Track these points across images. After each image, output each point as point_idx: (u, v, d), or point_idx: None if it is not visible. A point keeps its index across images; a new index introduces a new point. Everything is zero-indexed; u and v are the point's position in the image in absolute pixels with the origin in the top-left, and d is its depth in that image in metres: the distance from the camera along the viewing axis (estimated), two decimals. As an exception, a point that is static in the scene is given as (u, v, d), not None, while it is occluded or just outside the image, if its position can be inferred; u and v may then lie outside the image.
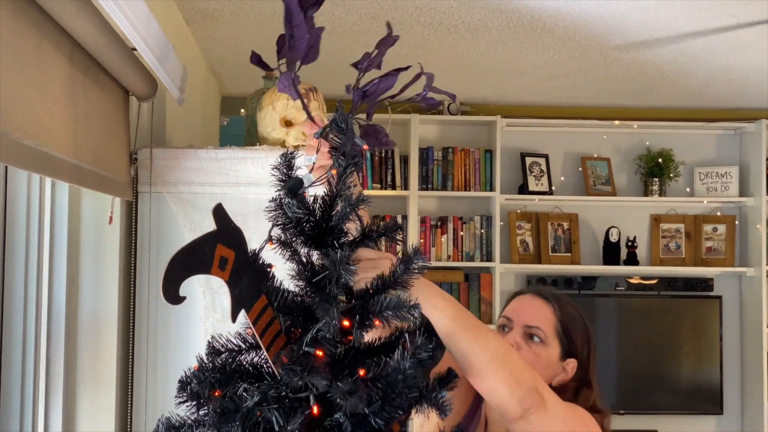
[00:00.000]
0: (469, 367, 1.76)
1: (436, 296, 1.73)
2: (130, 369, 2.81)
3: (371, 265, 1.62)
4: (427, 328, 1.71)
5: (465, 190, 6.21)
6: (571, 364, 2.20)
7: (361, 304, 1.54)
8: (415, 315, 1.56)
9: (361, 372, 1.50)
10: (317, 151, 1.67)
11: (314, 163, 1.70)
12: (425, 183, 6.19)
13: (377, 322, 1.54)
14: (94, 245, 2.73)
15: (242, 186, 2.73)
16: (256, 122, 2.94)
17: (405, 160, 6.14)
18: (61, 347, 2.60)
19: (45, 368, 2.56)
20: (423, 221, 6.16)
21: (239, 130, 3.14)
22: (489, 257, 6.19)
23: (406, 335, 1.56)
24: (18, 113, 1.70)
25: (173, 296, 1.34)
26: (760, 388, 6.15)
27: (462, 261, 6.19)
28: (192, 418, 1.56)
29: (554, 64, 5.13)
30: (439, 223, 6.22)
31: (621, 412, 6.17)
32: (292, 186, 1.57)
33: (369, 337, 1.61)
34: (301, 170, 1.62)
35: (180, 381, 1.57)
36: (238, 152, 2.81)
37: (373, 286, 1.56)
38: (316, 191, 1.61)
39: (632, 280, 6.36)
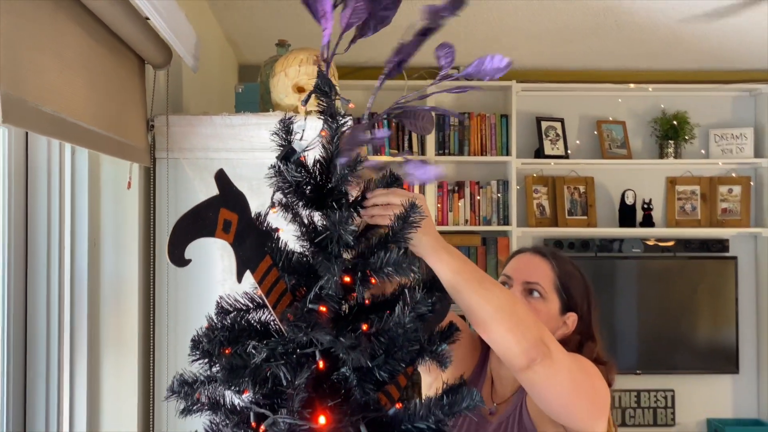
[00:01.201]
0: (475, 318, 1.81)
1: (441, 250, 1.77)
2: (151, 330, 2.90)
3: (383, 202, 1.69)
4: (432, 283, 1.78)
5: (481, 155, 6.25)
6: (572, 317, 2.26)
7: (362, 261, 1.59)
8: (416, 270, 1.62)
9: (364, 327, 1.56)
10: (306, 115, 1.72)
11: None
12: (442, 148, 6.23)
13: (373, 281, 1.60)
14: (113, 210, 2.80)
15: (257, 151, 2.80)
16: (269, 89, 3.00)
17: (421, 126, 6.18)
18: (84, 310, 2.68)
19: (69, 330, 2.64)
20: (440, 186, 6.21)
21: (254, 97, 3.21)
22: (506, 221, 6.25)
23: (406, 291, 1.62)
24: (36, 81, 1.77)
25: (178, 259, 1.41)
26: (776, 348, 6.20)
27: (479, 225, 6.25)
28: (205, 374, 1.63)
29: (568, 28, 5.16)
30: (456, 188, 6.27)
31: (638, 372, 6.25)
32: (285, 154, 1.63)
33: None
34: (297, 136, 1.67)
35: (192, 340, 1.64)
36: (252, 118, 2.88)
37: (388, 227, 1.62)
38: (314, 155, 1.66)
39: (648, 242, 6.39)
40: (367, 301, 1.65)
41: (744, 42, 5.54)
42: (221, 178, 1.50)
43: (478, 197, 6.27)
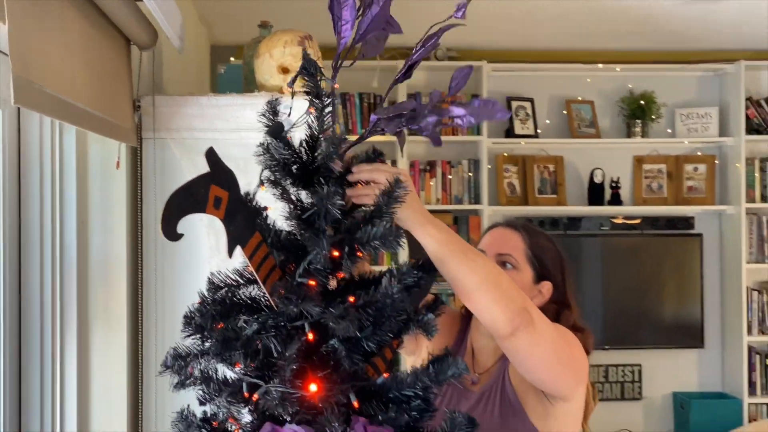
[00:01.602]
0: (461, 288, 1.87)
1: (428, 224, 1.83)
2: (139, 306, 2.97)
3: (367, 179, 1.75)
4: (420, 263, 1.84)
5: (453, 134, 6.33)
6: (546, 286, 2.34)
7: (349, 235, 1.66)
8: (402, 243, 1.69)
9: (351, 299, 1.62)
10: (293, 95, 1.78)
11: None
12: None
13: (360, 254, 1.67)
14: (101, 190, 2.86)
15: (243, 131, 2.86)
16: (253, 70, 3.06)
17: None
18: (73, 287, 2.74)
19: (60, 307, 2.70)
20: (412, 165, 6.29)
21: (237, 77, 3.27)
22: (477, 200, 6.33)
23: (393, 264, 1.70)
24: (40, 63, 1.83)
25: (171, 233, 1.47)
26: (739, 322, 6.34)
27: (451, 204, 6.33)
28: (198, 348, 1.68)
29: (539, 8, 5.25)
30: (428, 168, 6.35)
31: (606, 347, 6.37)
32: (274, 130, 1.69)
33: None
34: (284, 115, 1.73)
35: (185, 316, 1.69)
36: (238, 99, 2.94)
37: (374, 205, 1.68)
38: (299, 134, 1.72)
39: (616, 220, 6.51)
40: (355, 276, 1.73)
41: (709, 22, 5.65)
42: (211, 155, 1.56)
43: (450, 176, 6.36)
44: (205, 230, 2.82)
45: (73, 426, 2.74)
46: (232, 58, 5.62)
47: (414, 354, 2.39)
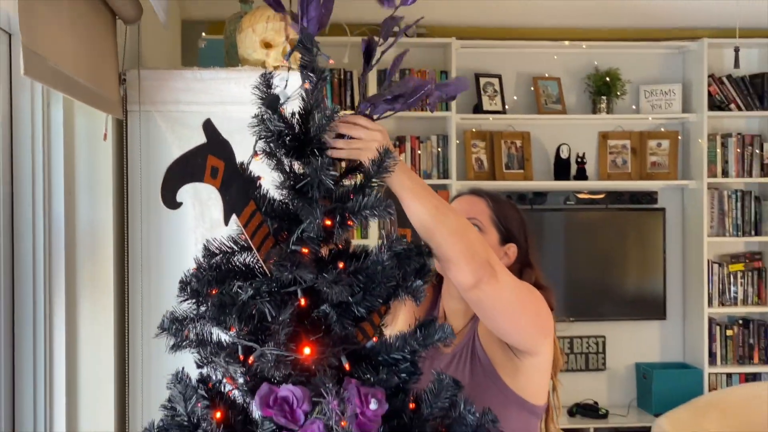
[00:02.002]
0: (431, 238, 1.97)
1: (404, 174, 1.94)
2: (125, 274, 3.04)
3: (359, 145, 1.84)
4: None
5: (422, 110, 6.38)
6: (512, 248, 2.45)
7: (341, 205, 1.74)
8: (392, 212, 1.77)
9: (341, 265, 1.70)
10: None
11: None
12: (382, 103, 6.36)
13: (350, 223, 1.75)
14: (88, 161, 2.92)
15: (227, 104, 2.92)
16: (235, 44, 3.13)
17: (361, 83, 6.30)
18: (61, 255, 2.81)
19: (49, 274, 2.77)
20: (381, 141, 6.33)
21: (218, 52, 3.33)
22: (445, 174, 6.42)
23: (383, 232, 1.78)
24: (43, 35, 1.90)
25: (171, 202, 1.55)
26: (700, 295, 6.49)
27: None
28: (193, 312, 1.75)
29: (507, -14, 5.34)
30: (397, 143, 6.43)
31: (571, 319, 6.47)
32: (270, 101, 1.76)
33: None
34: (279, 88, 1.80)
35: (180, 282, 1.75)
36: (222, 73, 3.01)
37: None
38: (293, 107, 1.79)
39: (581, 195, 6.62)
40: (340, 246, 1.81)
41: (669, 1, 5.76)
42: (208, 127, 1.63)
43: (419, 152, 6.44)
44: (190, 201, 2.89)
45: (61, 390, 2.81)
46: (203, 33, 5.65)
47: (390, 325, 2.49)
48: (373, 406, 1.65)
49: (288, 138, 1.76)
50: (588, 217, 6.66)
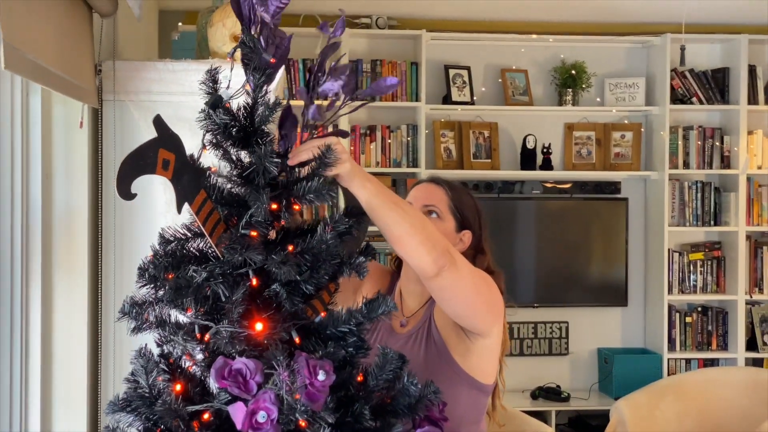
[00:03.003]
0: (391, 234, 2.12)
1: (362, 178, 2.05)
2: (99, 256, 3.18)
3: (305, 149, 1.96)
4: (351, 211, 2.05)
5: (392, 100, 6.53)
6: (467, 235, 2.63)
7: (286, 190, 1.87)
8: (334, 196, 1.90)
9: (290, 248, 1.83)
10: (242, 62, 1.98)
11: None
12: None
13: (296, 207, 1.89)
14: (65, 148, 3.07)
15: (196, 95, 3.04)
16: (206, 37, 3.28)
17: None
18: (38, 237, 2.96)
19: (25, 255, 2.92)
20: (353, 130, 6.46)
21: (190, 44, 3.47)
22: (415, 163, 6.55)
23: (326, 214, 1.93)
24: (21, 30, 2.05)
25: (125, 193, 1.67)
26: (661, 283, 6.66)
27: (390, 167, 6.54)
28: (152, 296, 1.88)
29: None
30: (368, 132, 6.55)
31: (535, 305, 6.67)
32: (212, 102, 1.87)
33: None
34: (222, 84, 1.91)
35: (139, 268, 1.88)
36: (193, 65, 3.16)
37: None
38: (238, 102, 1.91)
39: (547, 185, 6.75)
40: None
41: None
42: (158, 122, 1.75)
43: (389, 141, 6.57)
44: (161, 187, 3.02)
45: (36, 364, 2.97)
46: (180, 23, 5.76)
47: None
48: (321, 377, 1.76)
49: (234, 130, 1.88)
50: (553, 206, 6.81)
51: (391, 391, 1.95)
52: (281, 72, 2.09)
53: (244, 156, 1.89)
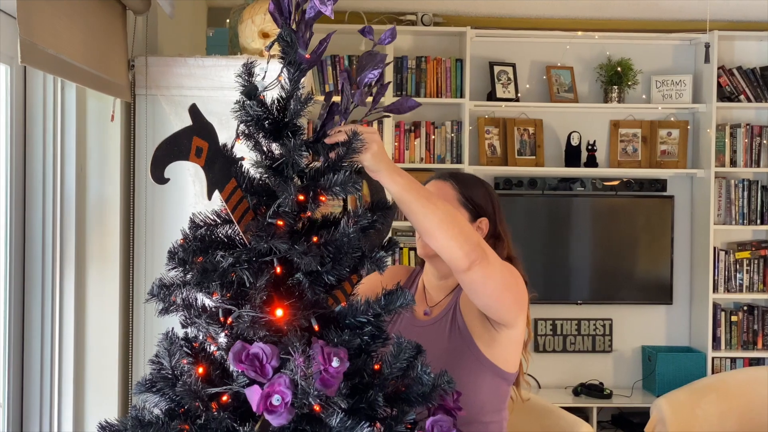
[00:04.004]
0: (423, 228, 2.18)
1: (394, 172, 2.11)
2: (131, 245, 3.27)
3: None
4: (376, 205, 2.09)
5: (437, 96, 6.57)
6: (484, 222, 2.65)
7: (313, 182, 1.92)
8: (359, 188, 1.96)
9: (314, 239, 1.88)
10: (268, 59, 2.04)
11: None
12: (400, 90, 6.54)
13: (322, 199, 1.94)
14: (98, 140, 3.16)
15: (226, 90, 3.12)
16: (237, 34, 3.35)
17: (381, 69, 6.47)
18: (72, 227, 3.05)
19: (60, 245, 3.01)
20: (397, 126, 6.53)
21: (223, 40, 3.55)
22: (459, 159, 6.57)
23: (350, 208, 1.97)
24: (43, 27, 2.12)
25: (159, 178, 1.73)
26: (706, 281, 6.63)
27: (433, 163, 6.56)
28: (180, 279, 1.93)
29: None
30: (412, 128, 6.59)
31: (579, 302, 6.68)
32: (248, 91, 1.93)
33: None
34: (258, 77, 1.97)
35: (169, 251, 1.94)
36: (222, 60, 3.23)
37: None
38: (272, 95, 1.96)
39: (593, 182, 6.75)
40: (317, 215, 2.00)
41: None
42: (194, 111, 1.82)
43: (433, 137, 6.59)
44: (191, 179, 3.11)
45: (69, 349, 3.06)
46: (228, 20, 5.84)
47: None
48: (335, 363, 1.80)
49: (266, 122, 1.93)
50: (599, 203, 6.80)
51: (406, 380, 1.98)
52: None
53: (275, 148, 1.94)
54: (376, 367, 1.95)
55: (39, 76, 2.83)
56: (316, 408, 1.78)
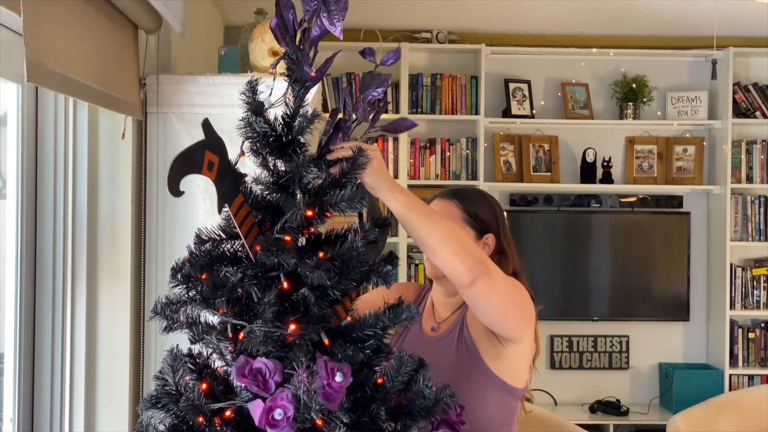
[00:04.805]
0: (426, 245, 2.20)
1: (395, 189, 2.14)
2: (142, 262, 3.29)
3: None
4: (374, 222, 2.10)
5: (452, 113, 6.59)
6: (490, 238, 2.66)
7: (319, 198, 1.94)
8: (365, 204, 1.99)
9: (321, 254, 1.90)
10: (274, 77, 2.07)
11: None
12: (415, 107, 6.57)
13: (328, 215, 1.96)
14: (110, 157, 3.19)
15: (235, 107, 3.12)
16: (248, 52, 3.38)
17: (396, 86, 6.51)
18: (84, 243, 3.08)
19: (71, 260, 3.04)
20: (413, 143, 6.54)
21: (234, 58, 3.58)
22: (474, 176, 6.59)
23: (357, 222, 1.99)
24: (51, 47, 2.16)
25: (175, 190, 1.74)
26: (723, 297, 6.60)
27: (449, 180, 6.57)
28: (185, 296, 1.96)
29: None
30: (428, 145, 6.61)
31: (595, 319, 6.67)
32: (255, 107, 1.96)
33: None
34: (263, 94, 2.00)
35: (172, 268, 1.96)
36: (232, 78, 3.26)
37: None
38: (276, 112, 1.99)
39: (608, 198, 6.74)
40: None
41: (696, 11, 5.91)
42: (206, 125, 1.84)
43: (449, 153, 6.61)
44: (201, 195, 3.14)
45: (81, 365, 3.08)
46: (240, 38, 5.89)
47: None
48: (338, 378, 1.82)
49: (272, 139, 1.96)
50: (614, 219, 6.79)
51: (408, 393, 1.99)
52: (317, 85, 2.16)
53: (280, 164, 1.96)
54: (379, 381, 1.96)
55: (50, 94, 2.87)
56: (318, 422, 1.79)
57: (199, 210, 3.18)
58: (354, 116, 2.10)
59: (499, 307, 2.37)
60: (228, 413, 1.88)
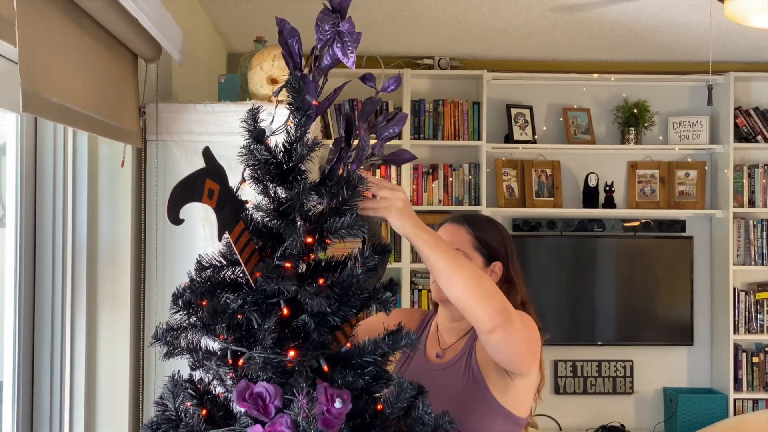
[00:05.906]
0: (448, 288, 2.22)
1: (420, 229, 2.16)
2: (141, 289, 3.30)
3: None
4: (374, 248, 2.11)
5: (454, 139, 6.62)
6: (498, 266, 2.67)
7: (319, 225, 1.94)
8: (365, 232, 2.00)
9: (321, 281, 1.90)
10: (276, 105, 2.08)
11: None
12: (417, 133, 6.61)
13: (328, 241, 1.97)
14: (110, 185, 3.21)
15: (235, 135, 3.12)
16: (247, 80, 3.40)
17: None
18: (83, 270, 3.09)
19: (71, 289, 3.04)
20: (415, 168, 6.56)
21: (234, 86, 3.60)
22: (477, 201, 6.60)
23: (357, 249, 2.00)
24: (47, 76, 2.17)
25: (175, 218, 1.74)
26: (727, 321, 6.59)
27: (451, 205, 6.59)
28: (185, 322, 1.95)
29: (529, 22, 5.55)
30: (430, 170, 6.63)
31: (599, 343, 6.66)
32: (256, 135, 1.96)
33: None
34: (264, 122, 2.00)
35: (173, 294, 1.96)
36: (231, 106, 3.28)
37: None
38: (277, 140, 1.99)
39: (610, 223, 6.75)
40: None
41: (694, 37, 5.93)
42: (207, 153, 1.84)
43: (451, 179, 6.63)
44: (200, 223, 3.14)
45: (81, 393, 3.08)
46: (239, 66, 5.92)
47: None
48: (338, 405, 1.83)
49: (272, 166, 1.96)
50: (617, 244, 6.79)
51: (408, 420, 1.98)
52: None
53: (281, 192, 1.96)
54: (379, 407, 1.96)
55: (50, 123, 2.88)
56: (317, 449, 1.79)
57: (198, 237, 3.19)
58: (371, 151, 2.11)
59: (516, 350, 2.38)
60: (227, 439, 1.88)
